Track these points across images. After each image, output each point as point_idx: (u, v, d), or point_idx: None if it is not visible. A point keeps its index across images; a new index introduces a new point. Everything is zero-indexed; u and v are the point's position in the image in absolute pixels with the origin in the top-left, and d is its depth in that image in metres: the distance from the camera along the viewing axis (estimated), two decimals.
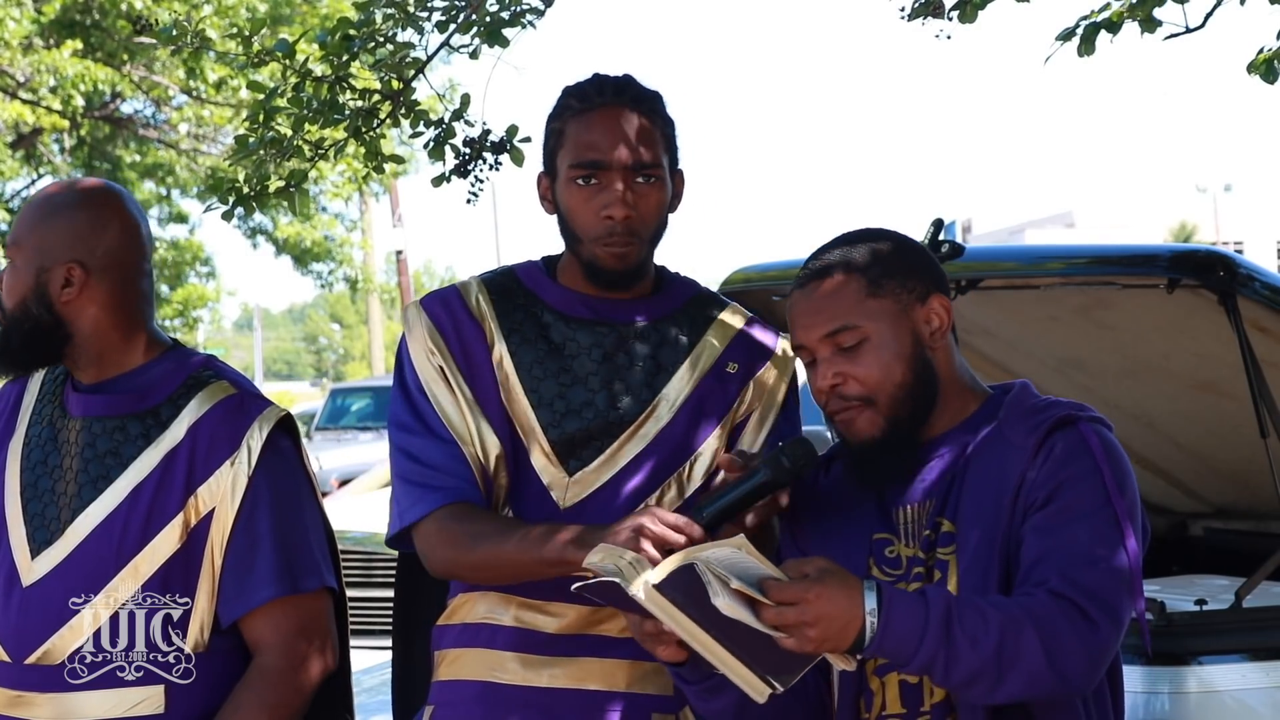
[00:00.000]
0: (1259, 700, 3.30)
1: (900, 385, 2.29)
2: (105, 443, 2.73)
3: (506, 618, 2.57)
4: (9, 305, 2.79)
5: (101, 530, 2.68)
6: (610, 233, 2.54)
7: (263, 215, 19.59)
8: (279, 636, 2.70)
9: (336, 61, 3.52)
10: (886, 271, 2.33)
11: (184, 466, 2.71)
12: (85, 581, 2.68)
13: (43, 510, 2.73)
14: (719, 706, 2.33)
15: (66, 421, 2.78)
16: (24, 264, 2.79)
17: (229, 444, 2.73)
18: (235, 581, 2.69)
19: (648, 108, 2.58)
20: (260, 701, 2.67)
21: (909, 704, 2.27)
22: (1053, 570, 2.14)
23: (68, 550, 2.69)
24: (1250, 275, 3.54)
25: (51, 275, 2.77)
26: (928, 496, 2.30)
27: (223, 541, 2.70)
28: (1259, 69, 3.32)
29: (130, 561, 2.67)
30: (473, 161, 3.53)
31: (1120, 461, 2.24)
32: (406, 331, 2.64)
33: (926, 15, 3.43)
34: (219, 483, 2.71)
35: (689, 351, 2.63)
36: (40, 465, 2.77)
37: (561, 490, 2.56)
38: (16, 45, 14.55)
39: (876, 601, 2.06)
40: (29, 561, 2.71)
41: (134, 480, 2.70)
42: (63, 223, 2.79)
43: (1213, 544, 4.78)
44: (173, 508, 2.69)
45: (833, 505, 2.40)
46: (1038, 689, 2.11)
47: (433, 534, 2.52)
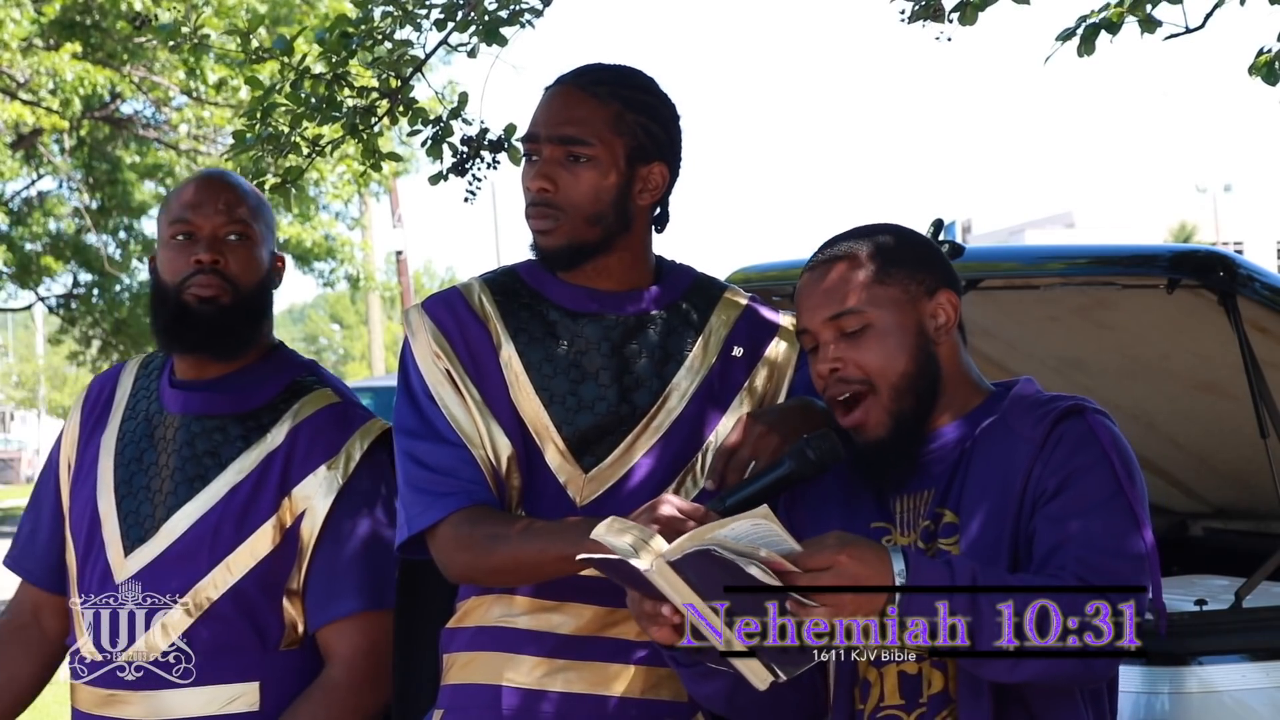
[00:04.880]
0: (1259, 700, 3.30)
1: (903, 375, 2.29)
2: (204, 442, 2.71)
3: (521, 620, 2.54)
4: (247, 284, 2.75)
5: (196, 530, 2.66)
6: (531, 203, 2.53)
7: None
8: (350, 651, 2.68)
9: (335, 59, 3.52)
10: (896, 261, 2.33)
11: (280, 469, 2.69)
12: (177, 580, 2.66)
13: (137, 508, 2.70)
14: (711, 690, 2.33)
15: (164, 418, 2.74)
16: (256, 246, 2.76)
17: (327, 450, 2.71)
18: (320, 589, 2.68)
19: (606, 90, 2.54)
20: (320, 714, 2.65)
21: (907, 695, 2.26)
22: (1070, 558, 2.13)
23: (161, 549, 2.67)
24: (1250, 275, 3.54)
25: (272, 263, 2.79)
26: (925, 486, 2.30)
27: (312, 542, 2.68)
28: (1260, 71, 3.31)
29: (222, 561, 2.65)
30: (470, 160, 3.54)
31: (1127, 452, 2.24)
32: (410, 335, 2.61)
33: (927, 18, 3.43)
34: (313, 485, 2.69)
35: (696, 338, 2.61)
36: (135, 462, 2.74)
37: (578, 487, 2.53)
38: (16, 46, 14.54)
39: (904, 564, 2.06)
40: (122, 559, 2.69)
41: (231, 481, 2.68)
42: (268, 213, 2.81)
43: (1213, 544, 4.79)
44: (267, 509, 2.67)
45: (830, 494, 2.39)
46: (1058, 671, 2.10)
47: (449, 539, 2.48)
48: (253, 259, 2.74)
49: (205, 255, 2.70)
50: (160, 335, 2.76)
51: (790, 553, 2.05)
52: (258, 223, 2.77)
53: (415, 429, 2.55)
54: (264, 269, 2.77)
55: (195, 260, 2.70)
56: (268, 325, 2.81)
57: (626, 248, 2.58)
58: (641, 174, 2.56)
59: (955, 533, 2.25)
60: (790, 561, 2.04)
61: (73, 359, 25.09)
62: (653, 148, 2.57)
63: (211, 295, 2.70)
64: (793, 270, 4.42)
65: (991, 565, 2.18)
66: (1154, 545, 2.19)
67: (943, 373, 2.33)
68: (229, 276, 2.71)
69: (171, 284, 2.72)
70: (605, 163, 2.52)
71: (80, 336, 22.53)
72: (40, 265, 20.17)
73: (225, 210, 2.73)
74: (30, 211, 20.37)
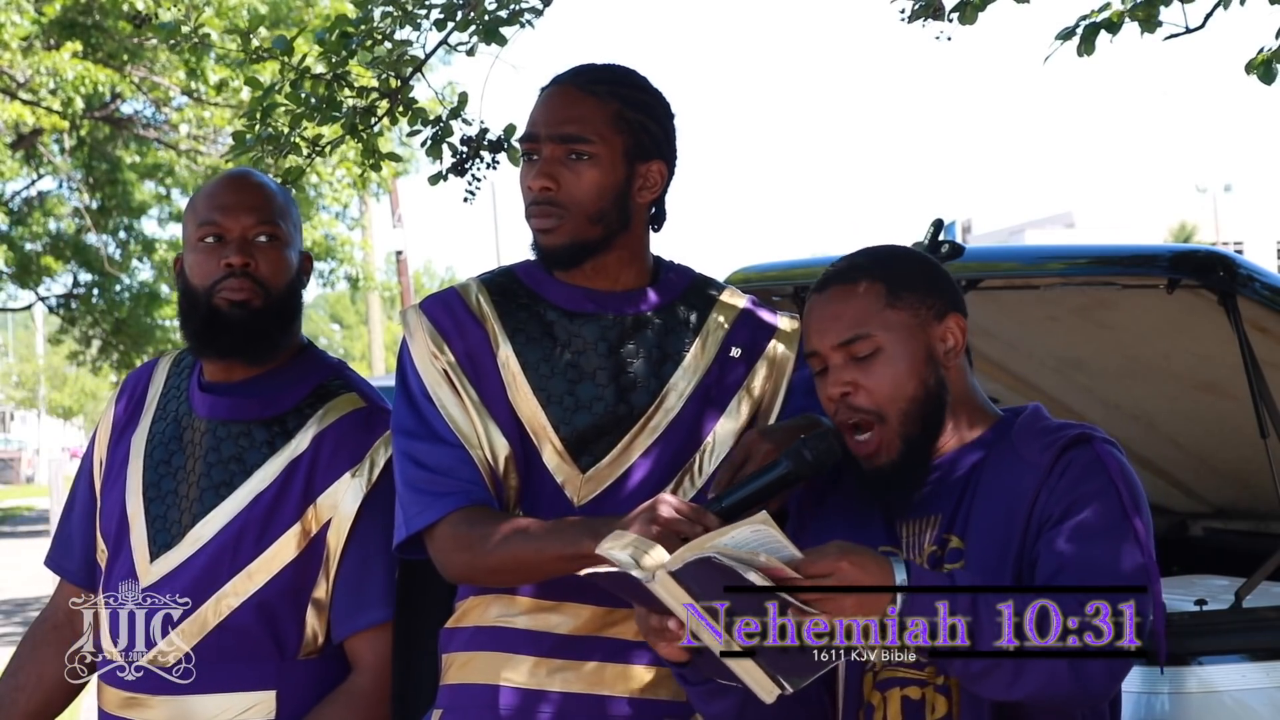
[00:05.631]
0: (1259, 700, 3.29)
1: (911, 400, 2.28)
2: (230, 448, 2.69)
3: (519, 620, 2.54)
4: (278, 286, 2.72)
5: (221, 538, 2.66)
6: (533, 202, 2.53)
7: None
8: (377, 659, 2.68)
9: (334, 59, 3.52)
10: (906, 285, 2.32)
11: (304, 475, 2.68)
12: (200, 586, 2.65)
13: (165, 512, 2.69)
14: (721, 709, 2.31)
15: (193, 421, 2.73)
16: (285, 247, 2.74)
17: (352, 456, 2.70)
18: (347, 598, 2.67)
19: (604, 89, 2.55)
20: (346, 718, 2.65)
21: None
22: (1072, 583, 2.13)
23: (186, 555, 2.66)
24: (1250, 275, 3.54)
25: (301, 263, 2.77)
26: (932, 511, 2.29)
27: (338, 552, 2.67)
28: (1258, 69, 3.31)
29: (245, 569, 2.64)
30: (470, 160, 3.54)
31: (1134, 481, 2.24)
32: (407, 336, 2.61)
33: (927, 17, 3.44)
34: (338, 492, 2.68)
35: (694, 338, 2.61)
36: (164, 465, 2.73)
37: (575, 487, 2.53)
38: (16, 46, 14.54)
39: (905, 574, 2.06)
40: (148, 564, 2.68)
41: (256, 489, 2.67)
42: (295, 211, 2.78)
43: (1213, 544, 4.78)
44: (291, 516, 2.66)
45: (838, 516, 2.39)
46: (1055, 690, 2.10)
47: (447, 539, 2.48)
48: (282, 260, 2.72)
49: (236, 259, 2.67)
50: (193, 340, 2.73)
51: (791, 559, 2.05)
52: (286, 222, 2.74)
53: (413, 429, 2.55)
54: (293, 270, 2.75)
55: (226, 264, 2.67)
56: (297, 326, 2.79)
57: (625, 246, 2.58)
58: (641, 172, 2.56)
59: (961, 558, 2.24)
60: (791, 568, 2.04)
61: (73, 359, 25.10)
62: (651, 145, 2.57)
63: (243, 299, 2.67)
64: (793, 270, 4.42)
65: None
66: (1157, 574, 2.18)
67: (950, 397, 2.32)
68: (260, 279, 2.68)
69: (202, 288, 2.69)
70: (606, 161, 2.53)
71: (80, 336, 22.55)
72: (40, 265, 20.19)
73: (254, 211, 2.71)
74: (30, 211, 20.39)
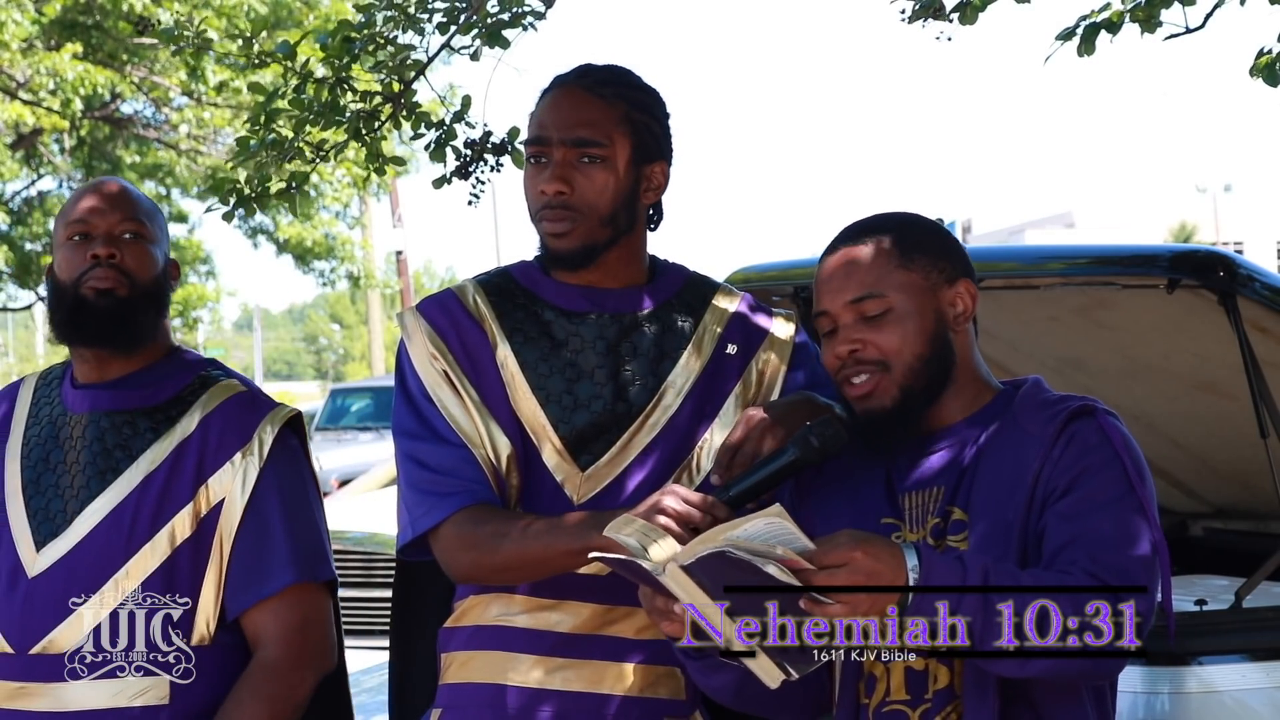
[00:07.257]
0: (1259, 700, 3.30)
1: (918, 357, 2.29)
2: (114, 437, 2.73)
3: (520, 619, 2.55)
4: (143, 278, 2.79)
5: (110, 521, 2.68)
6: (545, 206, 2.54)
7: (264, 215, 19.60)
8: (282, 629, 2.70)
9: (337, 63, 3.53)
10: (918, 247, 2.34)
11: (194, 458, 2.72)
12: (91, 573, 2.68)
13: (46, 505, 2.72)
14: (720, 683, 2.34)
15: (69, 418, 2.77)
16: (150, 245, 2.81)
17: (240, 437, 2.74)
18: (244, 573, 2.70)
19: (611, 91, 2.56)
20: (262, 694, 2.67)
21: (913, 690, 2.26)
22: (1080, 555, 2.14)
23: (74, 541, 2.69)
24: (1250, 275, 3.54)
25: (168, 266, 2.83)
26: (935, 483, 2.31)
27: (231, 532, 2.70)
28: (1260, 72, 3.31)
29: (138, 552, 2.67)
30: (474, 163, 3.54)
31: (1138, 453, 2.25)
32: (405, 338, 2.62)
33: (927, 17, 3.43)
34: (229, 474, 2.72)
35: (691, 336, 2.62)
36: (42, 463, 2.76)
37: (575, 486, 2.54)
38: (16, 46, 14.54)
39: (917, 559, 2.07)
40: (34, 554, 2.70)
41: (144, 471, 2.71)
42: (162, 220, 2.87)
43: (1213, 544, 4.79)
44: (183, 498, 2.70)
45: (840, 489, 2.40)
46: (1067, 666, 2.11)
47: (452, 539, 2.48)
48: (148, 254, 2.79)
49: (102, 250, 2.75)
50: (59, 329, 2.80)
51: (805, 550, 2.05)
52: (152, 224, 2.82)
53: (414, 431, 2.56)
54: (159, 266, 2.81)
55: (92, 255, 2.75)
56: (165, 323, 2.85)
57: (626, 246, 2.60)
58: (646, 173, 2.59)
59: (964, 530, 2.25)
60: (804, 559, 2.05)
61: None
62: (654, 146, 2.60)
63: (108, 287, 2.74)
64: (793, 270, 4.42)
65: (1001, 562, 2.19)
66: (1164, 545, 2.19)
67: (956, 362, 2.34)
68: (126, 270, 2.76)
69: (69, 280, 2.77)
70: (615, 163, 2.54)
71: None
72: (40, 265, 20.17)
73: (120, 209, 2.79)
74: (30, 211, 20.37)
